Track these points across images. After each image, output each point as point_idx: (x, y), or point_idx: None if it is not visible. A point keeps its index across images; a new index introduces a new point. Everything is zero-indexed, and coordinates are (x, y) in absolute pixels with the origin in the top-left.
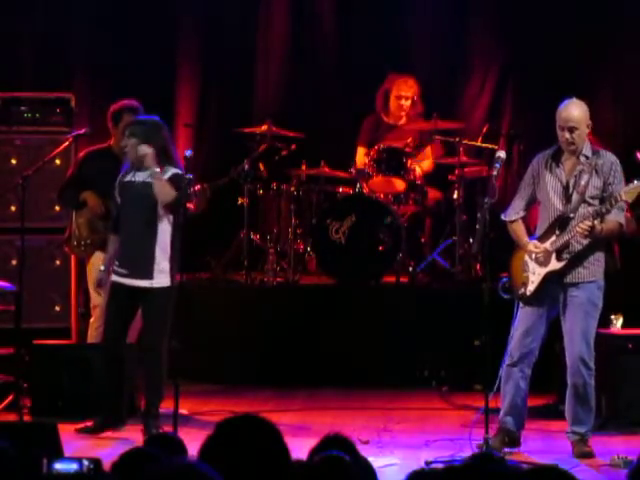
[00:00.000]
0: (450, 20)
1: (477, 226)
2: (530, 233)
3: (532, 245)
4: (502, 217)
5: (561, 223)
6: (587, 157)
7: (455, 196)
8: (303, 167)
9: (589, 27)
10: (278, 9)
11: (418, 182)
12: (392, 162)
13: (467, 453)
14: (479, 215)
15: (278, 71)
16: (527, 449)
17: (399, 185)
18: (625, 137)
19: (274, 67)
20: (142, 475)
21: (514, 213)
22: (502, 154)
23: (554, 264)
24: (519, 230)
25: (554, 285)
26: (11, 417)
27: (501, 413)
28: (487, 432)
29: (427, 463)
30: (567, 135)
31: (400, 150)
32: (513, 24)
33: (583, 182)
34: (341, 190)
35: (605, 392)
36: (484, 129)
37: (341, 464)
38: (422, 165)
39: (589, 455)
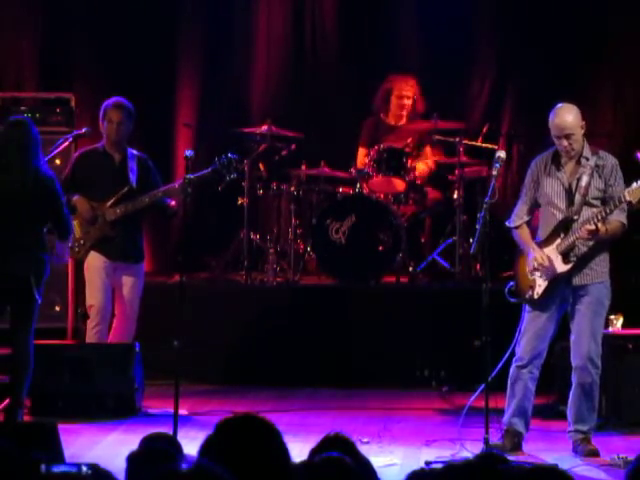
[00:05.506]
0: (450, 20)
1: (477, 226)
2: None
3: (538, 255)
4: (507, 224)
5: (565, 226)
6: (587, 159)
7: (455, 196)
8: (303, 167)
9: (589, 27)
10: (278, 9)
11: (418, 182)
12: (392, 162)
13: (466, 453)
14: (479, 215)
15: (278, 71)
16: (527, 449)
17: (399, 185)
18: (625, 137)
19: (274, 67)
20: (156, 474)
21: (518, 219)
22: (502, 154)
23: (561, 267)
24: (525, 235)
25: (562, 286)
26: None
27: (507, 415)
28: (487, 432)
29: (427, 463)
30: (565, 143)
31: (400, 150)
32: (513, 24)
33: (584, 184)
34: (341, 190)
35: (605, 392)
36: (484, 129)
37: (341, 464)
38: (418, 167)
39: (595, 453)
